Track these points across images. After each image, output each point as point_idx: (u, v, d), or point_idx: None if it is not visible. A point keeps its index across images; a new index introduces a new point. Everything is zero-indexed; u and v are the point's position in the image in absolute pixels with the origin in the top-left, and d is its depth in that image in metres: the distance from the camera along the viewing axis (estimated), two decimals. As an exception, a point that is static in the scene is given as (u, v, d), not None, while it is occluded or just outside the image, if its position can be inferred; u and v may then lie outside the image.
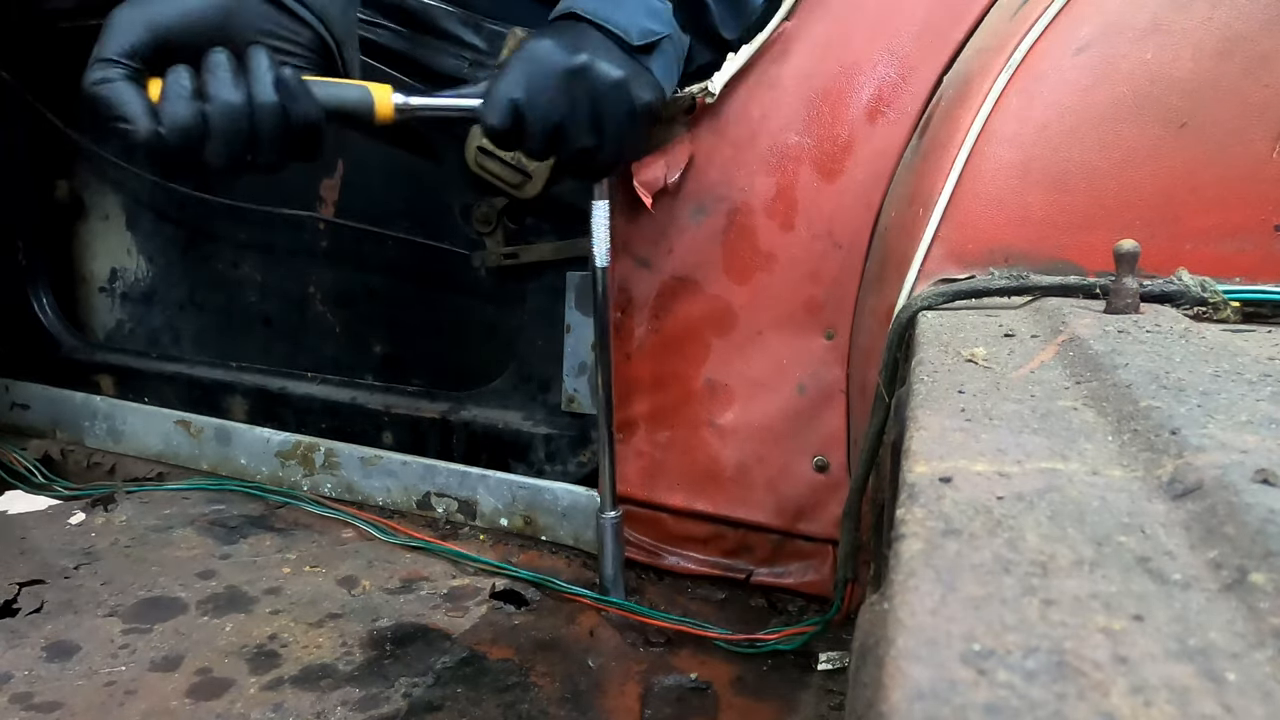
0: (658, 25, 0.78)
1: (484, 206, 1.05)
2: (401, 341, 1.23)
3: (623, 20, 0.77)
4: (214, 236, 1.32)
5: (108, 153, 1.34)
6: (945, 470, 0.34)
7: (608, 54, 0.77)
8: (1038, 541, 0.29)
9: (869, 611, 0.29)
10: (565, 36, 0.77)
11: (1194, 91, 0.64)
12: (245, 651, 0.85)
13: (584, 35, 0.77)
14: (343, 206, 1.22)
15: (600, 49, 0.77)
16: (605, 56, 0.76)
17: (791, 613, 0.95)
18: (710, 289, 0.93)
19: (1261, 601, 0.25)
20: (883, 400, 0.64)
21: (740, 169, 0.90)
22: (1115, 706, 0.21)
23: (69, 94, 1.33)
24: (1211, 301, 0.58)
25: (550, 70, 0.74)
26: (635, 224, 0.95)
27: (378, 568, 1.02)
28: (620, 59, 0.77)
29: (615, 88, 0.76)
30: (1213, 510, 0.30)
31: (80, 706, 0.76)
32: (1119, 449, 0.36)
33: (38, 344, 1.39)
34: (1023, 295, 0.63)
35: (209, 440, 1.27)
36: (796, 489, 0.92)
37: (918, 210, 0.71)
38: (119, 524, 1.12)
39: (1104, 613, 0.25)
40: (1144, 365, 0.44)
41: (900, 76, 0.85)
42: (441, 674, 0.82)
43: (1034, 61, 0.69)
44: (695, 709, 0.80)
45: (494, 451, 1.10)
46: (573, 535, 1.05)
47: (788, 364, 0.91)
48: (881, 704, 0.23)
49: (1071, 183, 0.66)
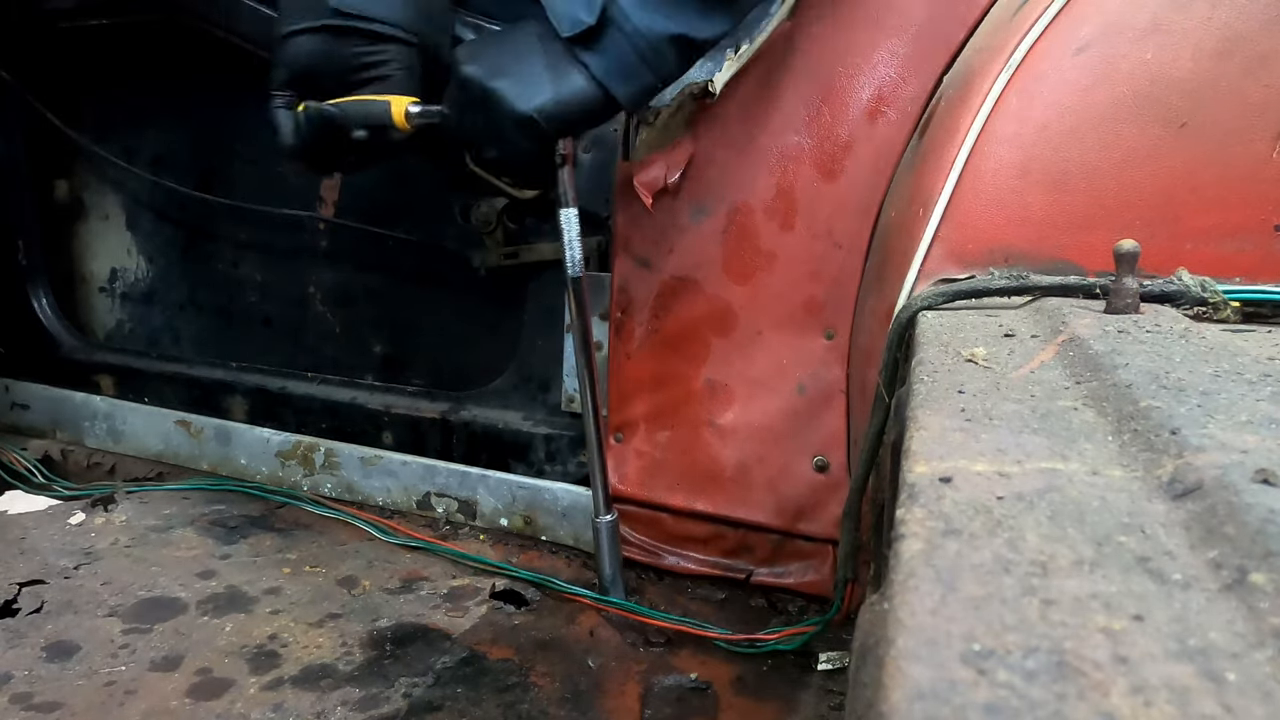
0: (585, 15, 0.73)
1: (484, 206, 1.05)
2: (401, 341, 1.23)
3: (560, 9, 0.74)
4: (214, 236, 1.32)
5: (107, 152, 1.34)
6: (945, 470, 0.34)
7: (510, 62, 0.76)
8: (1038, 541, 0.29)
9: (869, 611, 0.29)
10: (485, 43, 0.80)
11: (1194, 91, 0.64)
12: (245, 651, 0.85)
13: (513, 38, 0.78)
14: (343, 206, 1.22)
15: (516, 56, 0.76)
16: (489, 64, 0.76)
17: (791, 613, 0.95)
18: (710, 289, 0.93)
19: (1261, 601, 0.25)
20: (883, 400, 0.64)
21: (740, 169, 0.90)
22: (1115, 706, 0.21)
23: (69, 94, 1.34)
24: (1211, 301, 0.58)
25: (455, 80, 0.79)
26: (635, 224, 0.95)
27: (378, 568, 1.02)
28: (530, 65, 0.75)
29: (484, 96, 0.76)
30: (1213, 510, 0.30)
31: (80, 706, 0.76)
32: (1119, 449, 0.36)
33: (38, 344, 1.39)
34: (1023, 295, 0.63)
35: (209, 440, 1.27)
36: (796, 489, 0.92)
37: (918, 210, 0.71)
38: (119, 524, 1.12)
39: (1104, 613, 0.25)
40: (1144, 365, 0.44)
41: (900, 76, 0.85)
42: (441, 674, 0.82)
43: (1034, 61, 0.69)
44: (695, 709, 0.80)
45: (494, 451, 1.10)
46: (573, 535, 1.05)
47: (788, 364, 0.91)
48: (881, 704, 0.22)
49: (1071, 183, 0.66)
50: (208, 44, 1.08)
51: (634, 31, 0.73)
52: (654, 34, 0.73)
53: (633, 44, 0.73)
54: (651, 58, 0.74)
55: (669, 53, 0.74)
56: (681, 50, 0.75)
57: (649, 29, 0.73)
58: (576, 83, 0.74)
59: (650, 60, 0.74)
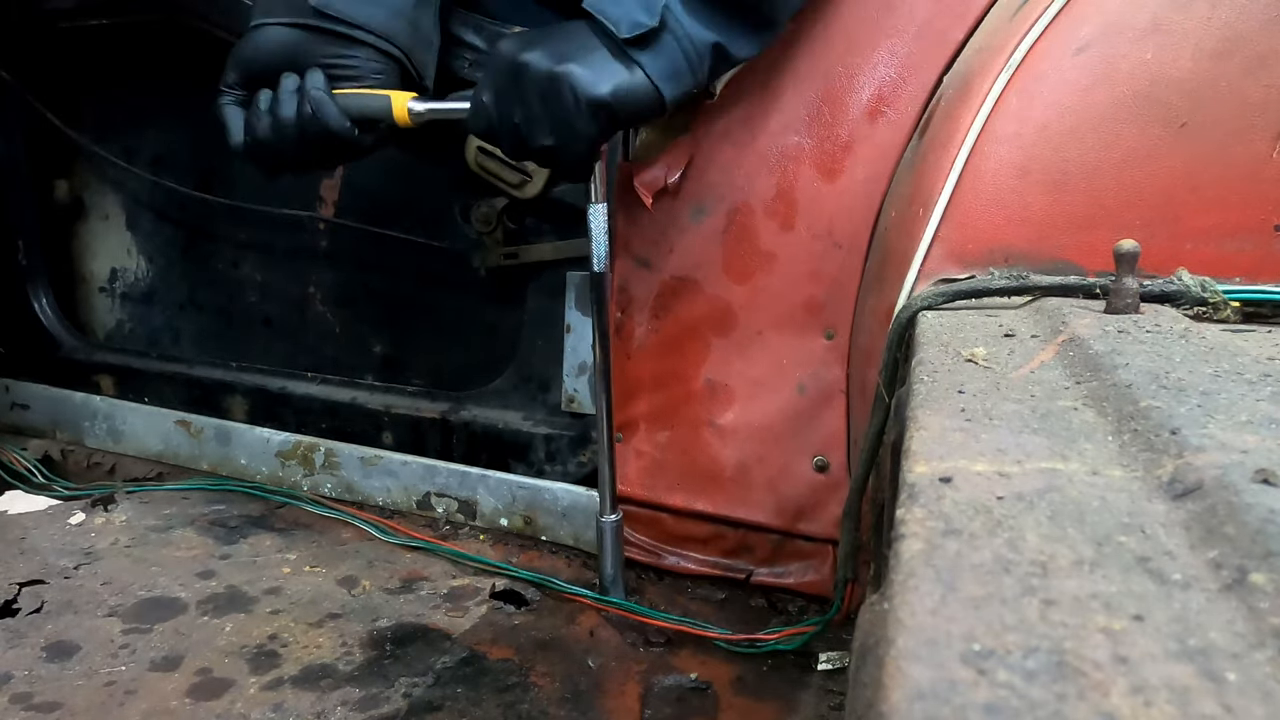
0: (645, 17, 0.75)
1: (484, 206, 1.05)
2: (401, 341, 1.23)
3: (615, 12, 0.75)
4: (214, 236, 1.32)
5: (107, 152, 1.34)
6: (945, 470, 0.34)
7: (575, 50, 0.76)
8: (1038, 541, 0.29)
9: (869, 611, 0.29)
10: (538, 35, 0.79)
11: (1194, 91, 0.64)
12: (245, 651, 0.85)
13: (568, 32, 0.77)
14: (343, 206, 1.22)
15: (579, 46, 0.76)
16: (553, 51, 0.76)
17: (791, 613, 0.95)
18: (710, 289, 0.93)
19: (1261, 601, 0.25)
20: (883, 400, 0.64)
21: (740, 169, 0.90)
22: (1115, 706, 0.21)
23: (69, 94, 1.34)
24: (1211, 301, 0.58)
25: (503, 69, 0.78)
26: (635, 224, 0.95)
27: (378, 568, 1.02)
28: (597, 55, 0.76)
29: (551, 81, 0.75)
30: (1213, 510, 0.30)
31: (80, 706, 0.76)
32: (1119, 449, 0.36)
33: (38, 344, 1.39)
34: (1023, 295, 0.63)
35: (209, 440, 1.27)
36: (796, 489, 0.92)
37: (918, 210, 0.71)
38: (119, 524, 1.12)
39: (1104, 613, 0.25)
40: (1144, 365, 0.44)
41: (900, 76, 0.85)
42: (441, 674, 0.82)
43: (1034, 61, 0.69)
44: (695, 709, 0.80)
45: (494, 451, 1.09)
46: (573, 535, 1.05)
47: (788, 364, 0.91)
48: (881, 704, 0.23)
49: (1071, 183, 0.66)
50: (208, 44, 1.08)
51: (685, 37, 0.76)
52: (702, 41, 0.76)
53: (683, 48, 0.76)
54: (696, 63, 0.77)
55: (710, 60, 0.78)
56: (718, 59, 0.78)
57: (699, 36, 0.76)
58: (639, 77, 0.77)
59: (695, 65, 0.77)
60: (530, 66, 0.76)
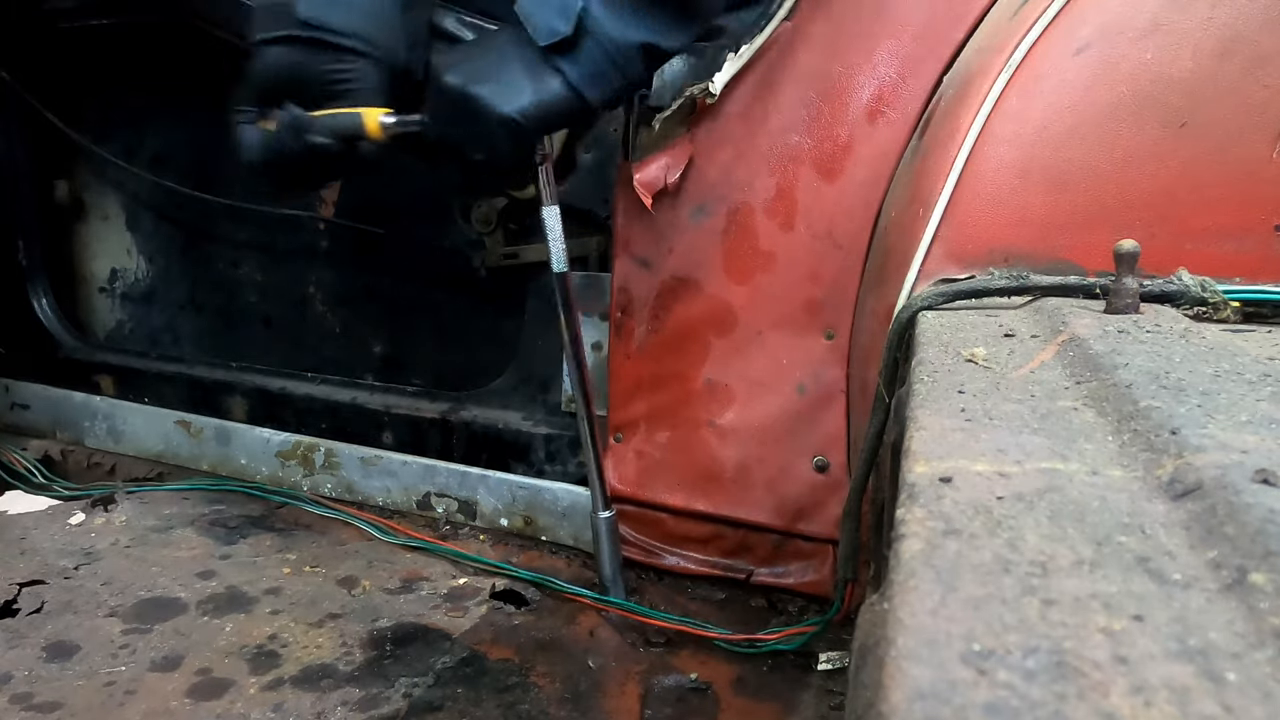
0: (562, 25, 0.75)
1: (484, 206, 1.05)
2: (401, 341, 1.23)
3: (537, 18, 0.76)
4: (214, 236, 1.32)
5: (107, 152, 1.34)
6: (945, 470, 0.34)
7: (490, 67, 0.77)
8: (1038, 541, 0.29)
9: (869, 611, 0.29)
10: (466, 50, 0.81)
11: (1194, 91, 0.64)
12: (245, 651, 0.85)
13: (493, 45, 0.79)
14: (343, 206, 1.22)
15: (496, 61, 0.78)
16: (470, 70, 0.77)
17: (791, 613, 0.95)
18: (710, 289, 0.93)
19: (1261, 601, 0.25)
20: (883, 400, 0.64)
21: (740, 169, 0.90)
22: (1115, 706, 0.21)
23: (69, 94, 1.34)
24: (1211, 301, 0.58)
25: (435, 88, 0.80)
26: (635, 224, 0.95)
27: (378, 568, 1.02)
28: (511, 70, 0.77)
29: (465, 101, 0.77)
30: (1213, 510, 0.30)
31: (80, 706, 0.76)
32: (1119, 449, 0.36)
33: (38, 344, 1.39)
34: (1023, 295, 0.63)
35: (209, 440, 1.27)
36: (796, 489, 0.92)
37: (918, 210, 0.71)
38: (119, 524, 1.12)
39: (1104, 613, 0.25)
40: (1144, 365, 0.44)
41: (900, 76, 0.85)
42: (441, 674, 0.82)
43: (1034, 61, 0.69)
44: (695, 709, 0.80)
45: (494, 452, 1.09)
46: (572, 535, 1.05)
47: (788, 364, 0.91)
48: (881, 704, 0.22)
49: (1071, 183, 0.66)
50: (208, 45, 1.08)
51: (607, 40, 0.76)
52: (626, 42, 0.77)
53: (605, 52, 0.77)
54: (622, 64, 0.78)
55: (638, 59, 0.78)
56: (649, 57, 0.79)
57: (621, 38, 0.76)
58: (554, 87, 0.77)
59: (621, 67, 0.78)
60: (449, 88, 0.79)
